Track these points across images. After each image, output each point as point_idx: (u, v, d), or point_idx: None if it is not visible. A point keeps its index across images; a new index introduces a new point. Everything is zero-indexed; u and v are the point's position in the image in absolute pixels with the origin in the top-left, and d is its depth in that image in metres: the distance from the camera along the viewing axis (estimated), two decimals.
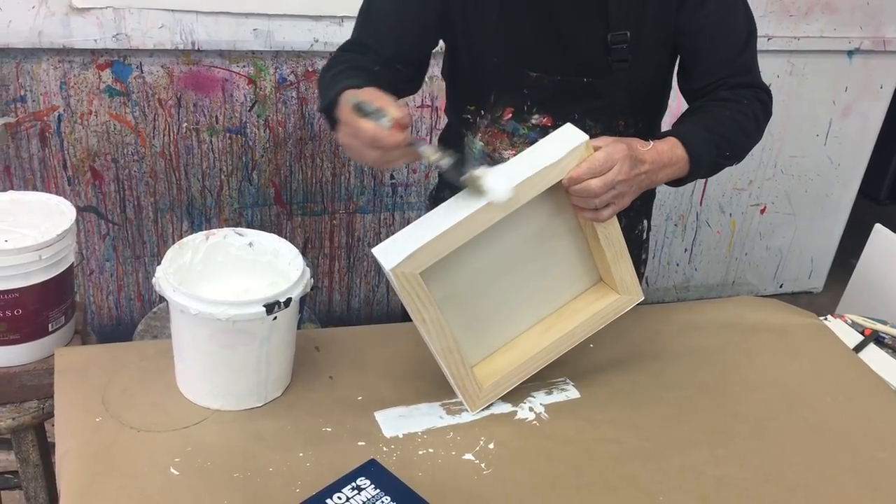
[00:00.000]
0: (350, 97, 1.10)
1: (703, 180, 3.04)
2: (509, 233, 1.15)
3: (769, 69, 2.84)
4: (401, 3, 1.34)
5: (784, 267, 3.38)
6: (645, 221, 1.56)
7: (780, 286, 3.42)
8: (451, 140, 1.51)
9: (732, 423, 1.24)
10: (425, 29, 1.36)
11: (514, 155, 1.40)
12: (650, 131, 1.45)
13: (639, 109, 1.40)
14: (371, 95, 1.10)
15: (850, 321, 1.57)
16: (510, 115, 1.39)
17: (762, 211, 3.20)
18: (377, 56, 1.33)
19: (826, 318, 1.57)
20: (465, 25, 1.35)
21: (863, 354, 1.46)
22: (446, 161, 1.08)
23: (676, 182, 1.26)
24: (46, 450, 1.48)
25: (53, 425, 1.15)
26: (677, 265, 3.21)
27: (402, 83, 1.37)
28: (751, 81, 1.34)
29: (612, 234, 1.18)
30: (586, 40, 1.31)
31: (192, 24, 2.24)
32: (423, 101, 2.52)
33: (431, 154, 1.08)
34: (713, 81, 1.34)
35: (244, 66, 2.38)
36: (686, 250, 3.20)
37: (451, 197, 1.49)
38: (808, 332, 1.49)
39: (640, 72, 1.34)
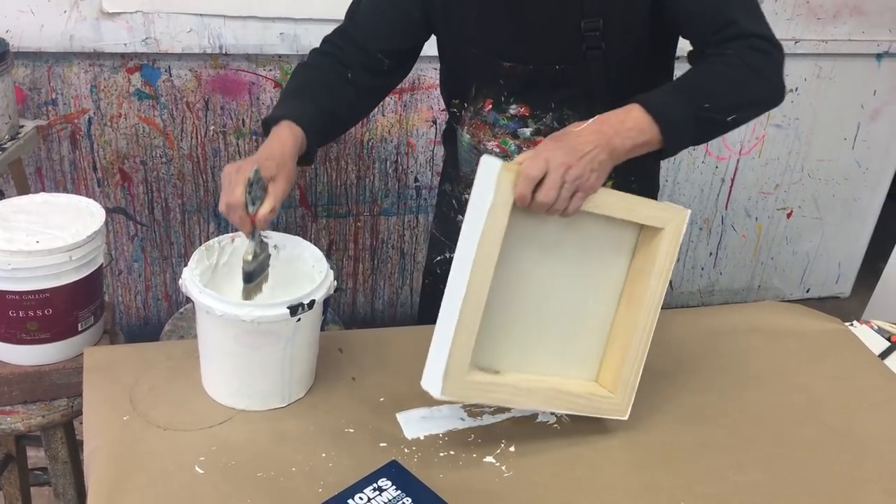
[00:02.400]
0: (263, 163, 1.16)
1: (729, 184, 3.02)
2: (566, 260, 1.12)
3: (796, 72, 2.84)
4: None
5: (811, 271, 3.35)
6: None
7: (807, 291, 3.39)
8: (447, 136, 1.56)
9: (756, 428, 1.23)
10: (410, 21, 1.39)
11: (497, 145, 1.41)
12: None
13: (618, 97, 1.35)
14: (281, 163, 1.18)
15: (876, 327, 1.55)
16: (490, 106, 1.40)
17: (789, 215, 3.17)
18: (358, 46, 1.37)
19: (852, 324, 1.55)
20: (446, 17, 1.37)
21: (889, 361, 1.45)
22: (249, 267, 1.18)
23: (664, 151, 1.16)
24: (75, 447, 1.51)
25: (82, 423, 1.17)
26: (702, 269, 3.19)
27: (382, 75, 1.41)
28: (737, 33, 1.23)
29: (655, 296, 1.15)
30: (559, 28, 1.30)
31: (219, 28, 2.27)
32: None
33: (249, 254, 1.17)
34: (700, 43, 1.27)
35: (271, 70, 2.40)
36: (711, 254, 3.18)
37: (456, 190, 1.53)
38: (834, 338, 1.48)
39: (616, 58, 1.31)
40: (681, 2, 1.26)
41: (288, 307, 1.11)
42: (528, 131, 1.38)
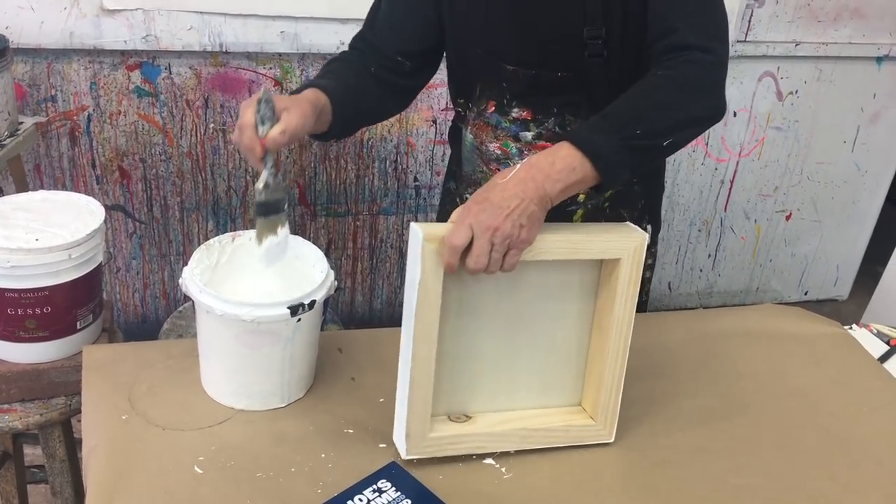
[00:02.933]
0: (276, 96, 1.13)
1: (728, 186, 3.02)
2: (529, 296, 1.10)
3: (796, 75, 2.84)
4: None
5: (809, 274, 3.35)
6: (648, 226, 1.51)
7: (805, 293, 3.39)
8: (452, 135, 1.55)
9: (755, 432, 1.23)
10: (426, 23, 1.38)
11: (499, 147, 1.41)
12: None
13: None
14: (296, 101, 1.14)
15: (875, 331, 1.55)
16: (493, 108, 1.40)
17: (788, 217, 3.18)
18: (379, 51, 1.37)
19: (851, 328, 1.55)
20: (452, 17, 1.37)
21: (888, 364, 1.45)
22: (259, 197, 1.13)
23: (601, 186, 1.10)
24: (73, 445, 1.51)
25: (80, 421, 1.17)
26: (701, 271, 3.20)
27: (406, 76, 1.40)
28: (676, 43, 1.16)
29: (623, 325, 1.12)
30: (562, 34, 1.30)
31: (220, 26, 2.27)
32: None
33: (260, 182, 1.11)
34: (654, 50, 1.21)
35: (271, 68, 2.40)
36: (710, 256, 3.18)
37: (453, 188, 1.53)
38: (833, 341, 1.48)
39: (618, 67, 1.30)
40: (650, 6, 1.22)
41: (288, 307, 1.11)
42: (529, 135, 1.38)
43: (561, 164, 1.06)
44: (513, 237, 1.01)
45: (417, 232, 1.01)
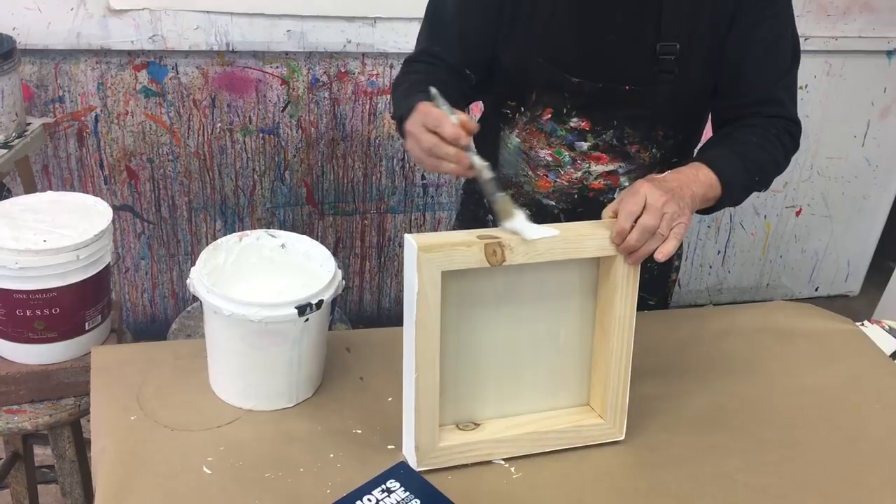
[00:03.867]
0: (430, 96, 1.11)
1: None
2: (528, 307, 1.10)
3: (806, 69, 2.82)
4: (463, 7, 1.34)
5: (820, 270, 3.33)
6: None
7: (816, 289, 3.37)
8: (487, 133, 1.48)
9: (766, 430, 1.22)
10: (488, 32, 1.35)
11: (550, 154, 1.40)
12: (689, 143, 1.44)
13: (681, 121, 1.38)
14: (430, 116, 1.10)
15: (887, 327, 1.54)
16: (549, 115, 1.38)
17: (798, 213, 3.16)
18: (445, 63, 1.34)
19: (863, 324, 1.54)
20: (514, 23, 1.34)
21: None
22: (489, 174, 1.08)
23: (709, 209, 1.25)
24: (82, 446, 1.51)
25: (89, 422, 1.17)
26: (710, 267, 3.18)
27: (471, 88, 1.38)
28: (786, 114, 1.34)
29: (625, 323, 1.12)
30: (634, 49, 1.30)
31: (226, 25, 2.27)
32: None
33: (479, 162, 1.08)
34: (750, 105, 1.34)
35: (277, 67, 2.40)
36: (720, 252, 3.17)
37: (477, 188, 1.50)
38: (845, 338, 1.46)
39: (685, 84, 1.32)
40: (750, 59, 1.31)
41: (296, 307, 1.11)
42: (585, 145, 1.37)
43: (703, 178, 1.21)
44: (676, 214, 1.10)
45: (412, 243, 1.00)
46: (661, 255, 1.09)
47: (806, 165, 3.05)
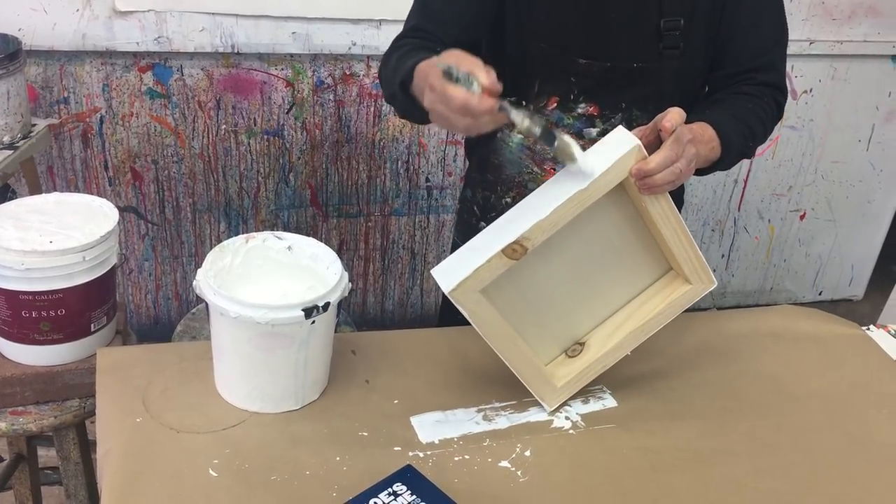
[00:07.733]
0: (438, 62, 1.05)
1: (742, 186, 3.00)
2: (572, 238, 1.14)
3: (811, 73, 2.82)
4: None
5: (824, 274, 3.33)
6: None
7: (820, 293, 3.37)
8: (485, 137, 1.44)
9: (773, 434, 1.22)
10: (484, 12, 1.33)
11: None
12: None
13: (688, 99, 1.38)
14: (456, 59, 1.04)
15: (892, 331, 1.54)
16: (555, 104, 1.37)
17: (802, 217, 3.15)
18: (437, 40, 1.30)
19: (869, 329, 1.54)
20: (515, 10, 1.33)
21: None
22: (537, 128, 1.03)
23: (705, 169, 1.27)
24: (87, 448, 1.51)
25: (94, 423, 1.17)
26: (714, 271, 3.15)
27: None
28: (775, 81, 1.38)
29: (667, 211, 1.15)
30: (638, 26, 1.31)
31: (231, 27, 2.27)
32: None
33: (522, 120, 1.03)
34: (743, 72, 1.36)
35: (282, 69, 2.40)
36: (723, 256, 3.16)
37: (480, 197, 1.50)
38: (851, 342, 1.46)
39: (690, 60, 1.34)
40: (740, 26, 1.33)
41: (303, 309, 1.10)
42: (594, 132, 1.37)
43: (708, 137, 1.23)
44: (687, 171, 1.13)
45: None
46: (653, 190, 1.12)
47: (810, 169, 3.05)
